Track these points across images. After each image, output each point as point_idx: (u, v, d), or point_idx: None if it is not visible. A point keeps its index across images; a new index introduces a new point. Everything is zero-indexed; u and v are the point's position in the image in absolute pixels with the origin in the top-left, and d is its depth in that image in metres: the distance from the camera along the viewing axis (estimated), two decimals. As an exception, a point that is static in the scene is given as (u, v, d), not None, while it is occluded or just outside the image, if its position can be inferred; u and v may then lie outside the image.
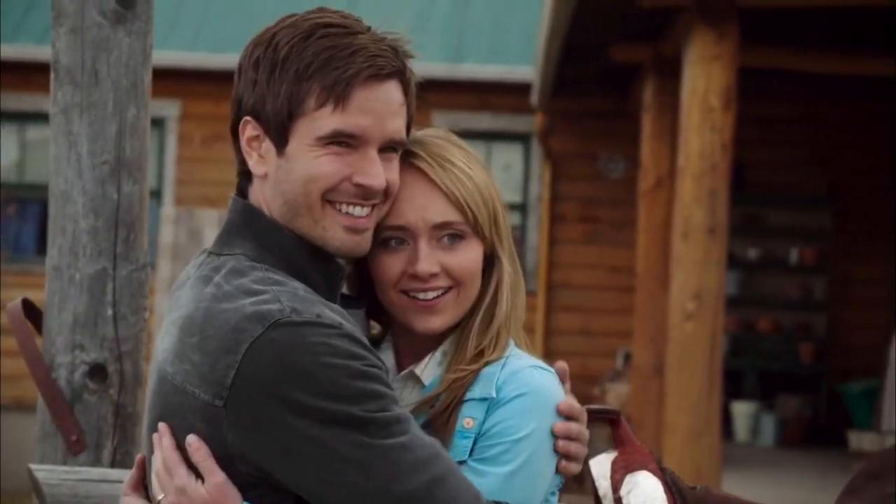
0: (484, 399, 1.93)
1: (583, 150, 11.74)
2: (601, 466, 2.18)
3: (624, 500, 2.15)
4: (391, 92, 1.92)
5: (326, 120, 1.88)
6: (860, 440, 7.70)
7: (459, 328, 2.01)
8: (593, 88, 11.60)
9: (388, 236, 1.98)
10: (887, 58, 9.03)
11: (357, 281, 2.06)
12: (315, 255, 1.91)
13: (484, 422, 1.92)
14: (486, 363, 1.96)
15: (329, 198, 1.91)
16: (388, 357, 2.05)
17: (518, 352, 2.01)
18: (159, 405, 1.91)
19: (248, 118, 1.93)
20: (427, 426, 1.92)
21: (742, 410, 11.23)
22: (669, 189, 9.13)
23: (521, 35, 12.61)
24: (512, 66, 12.08)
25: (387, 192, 1.94)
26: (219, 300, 1.85)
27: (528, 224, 12.99)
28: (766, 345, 11.63)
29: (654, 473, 2.21)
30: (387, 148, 1.93)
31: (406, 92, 1.95)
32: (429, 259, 1.96)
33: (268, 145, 1.92)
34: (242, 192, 1.99)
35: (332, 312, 1.84)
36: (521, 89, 11.87)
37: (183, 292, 1.95)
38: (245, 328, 1.80)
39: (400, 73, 1.93)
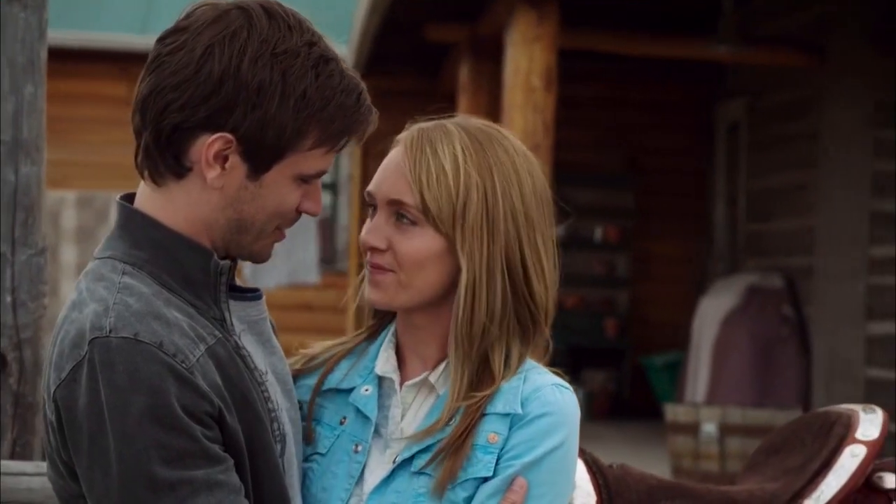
0: (507, 414, 1.91)
1: (395, 128, 11.60)
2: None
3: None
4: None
5: (316, 161, 1.86)
6: (675, 412, 7.95)
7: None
8: (405, 67, 11.63)
9: (367, 202, 1.98)
10: (695, 41, 9.28)
11: None
12: (194, 249, 1.85)
13: (508, 438, 1.90)
14: (499, 386, 1.92)
15: (279, 226, 1.91)
16: (387, 356, 2.00)
17: (536, 364, 1.98)
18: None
19: (226, 135, 1.80)
20: (439, 453, 1.89)
21: (551, 385, 11.40)
22: (487, 168, 9.17)
23: (331, 10, 12.53)
24: (322, 43, 11.99)
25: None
26: (73, 307, 1.82)
27: (338, 203, 12.96)
28: (574, 320, 11.88)
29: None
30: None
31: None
32: (376, 231, 1.94)
33: (237, 163, 1.82)
34: (150, 173, 1.87)
35: (159, 326, 1.76)
36: (332, 67, 11.80)
37: None
38: (77, 344, 1.77)
39: None
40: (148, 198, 1.87)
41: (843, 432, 2.35)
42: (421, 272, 1.93)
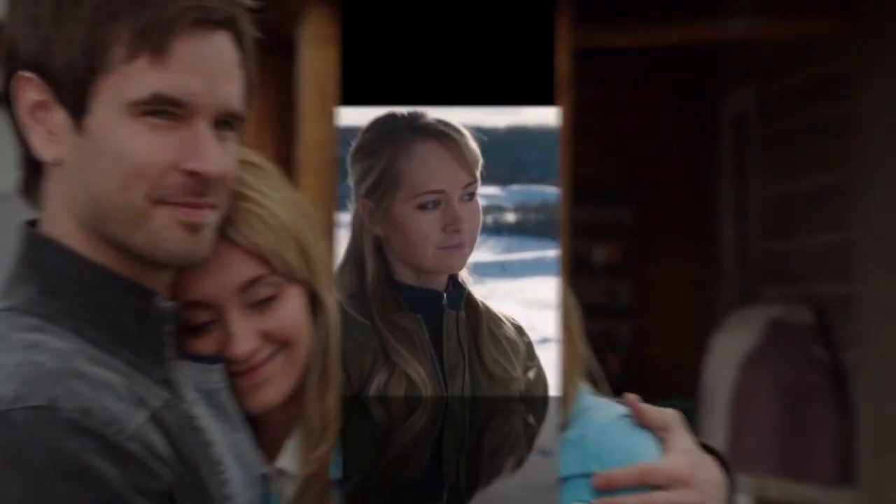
0: None
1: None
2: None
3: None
4: (223, 46, 1.62)
5: (143, 77, 1.56)
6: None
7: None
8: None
9: (187, 317, 1.72)
10: (699, 19, 7.91)
11: None
12: (127, 290, 1.61)
13: None
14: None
15: (155, 197, 1.60)
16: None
17: None
18: None
19: (28, 74, 1.56)
20: None
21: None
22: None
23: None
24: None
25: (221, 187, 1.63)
26: None
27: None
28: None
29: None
30: (221, 123, 1.62)
31: (242, 48, 1.64)
32: (245, 335, 1.74)
33: (61, 116, 1.57)
34: (30, 192, 1.64)
35: (84, 386, 1.49)
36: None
37: None
38: None
39: (233, 23, 1.62)
40: (42, 206, 1.66)
41: None
42: (305, 336, 1.83)
